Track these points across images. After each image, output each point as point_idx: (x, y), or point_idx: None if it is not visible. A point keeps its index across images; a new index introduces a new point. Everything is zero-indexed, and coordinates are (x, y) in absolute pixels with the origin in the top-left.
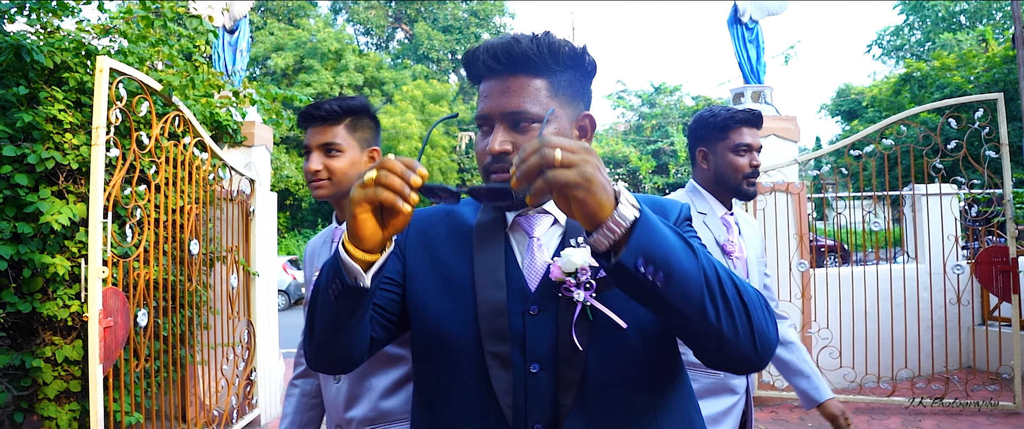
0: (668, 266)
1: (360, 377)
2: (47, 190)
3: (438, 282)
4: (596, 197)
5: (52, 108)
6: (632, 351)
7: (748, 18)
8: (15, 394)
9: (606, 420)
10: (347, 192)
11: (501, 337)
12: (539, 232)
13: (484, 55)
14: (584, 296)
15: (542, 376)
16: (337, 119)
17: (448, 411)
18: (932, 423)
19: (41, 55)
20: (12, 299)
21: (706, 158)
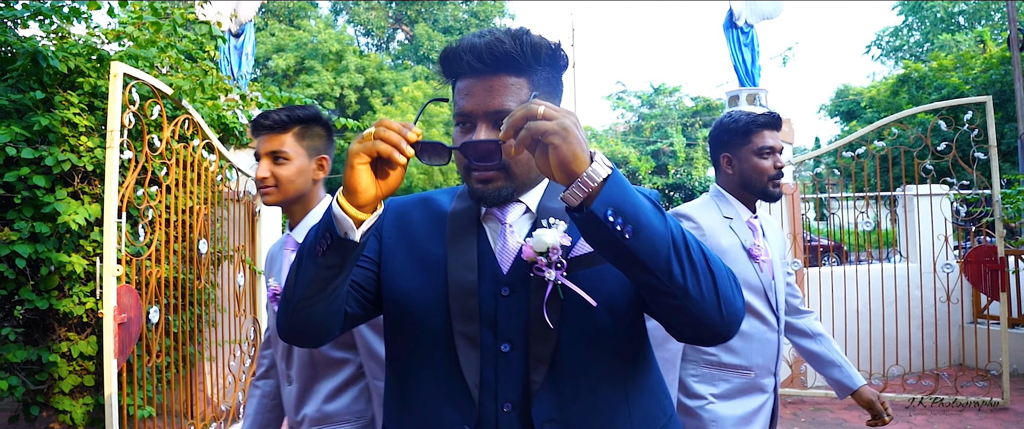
0: (636, 220)
1: (309, 380)
2: (63, 191)
3: (412, 264)
4: (572, 147)
5: (67, 112)
6: (602, 330)
7: (743, 22)
8: (31, 388)
9: (576, 398)
10: (295, 199)
11: (471, 317)
12: (511, 219)
13: (468, 55)
14: (555, 275)
15: (513, 356)
16: (284, 128)
17: (419, 390)
18: (923, 419)
19: (56, 61)
20: (30, 296)
21: (730, 163)
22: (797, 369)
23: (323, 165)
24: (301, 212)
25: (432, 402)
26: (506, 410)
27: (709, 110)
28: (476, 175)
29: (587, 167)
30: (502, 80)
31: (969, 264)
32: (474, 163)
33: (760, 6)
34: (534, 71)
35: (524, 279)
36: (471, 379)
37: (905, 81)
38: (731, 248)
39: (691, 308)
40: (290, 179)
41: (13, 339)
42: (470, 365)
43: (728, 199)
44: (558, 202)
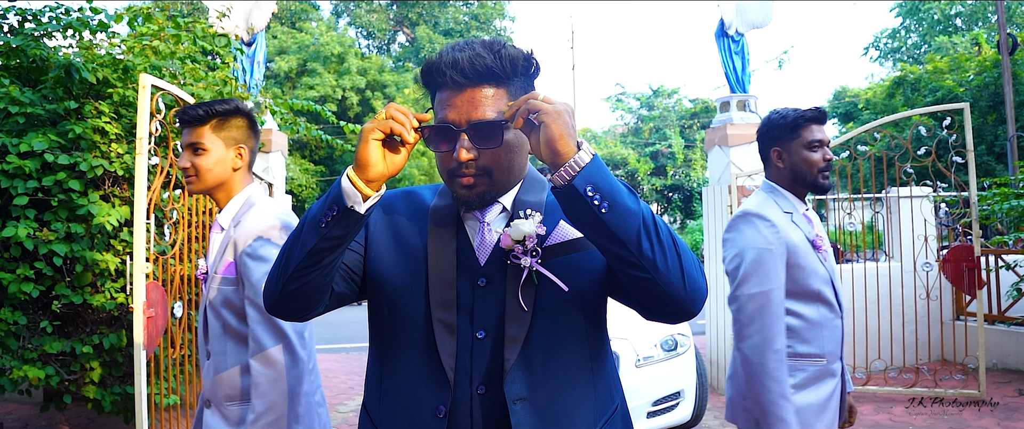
0: (611, 198)
1: (220, 357)
2: (95, 194)
3: (396, 252)
4: (561, 128)
5: (98, 120)
6: (571, 315)
7: (734, 31)
8: (65, 378)
9: (546, 377)
10: (217, 187)
11: (449, 306)
12: (489, 218)
13: (450, 70)
14: (530, 262)
15: (487, 342)
16: (202, 121)
17: (397, 370)
18: (902, 410)
19: (87, 72)
20: (66, 292)
21: (781, 157)
22: None
23: (241, 154)
24: (225, 198)
25: (410, 383)
26: (480, 391)
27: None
28: (460, 180)
29: (574, 153)
30: (482, 91)
31: (947, 263)
32: (477, 145)
33: (750, 16)
34: (512, 81)
35: (500, 271)
36: (447, 363)
37: (900, 83)
38: (801, 242)
39: (658, 280)
40: (208, 168)
41: (50, 332)
42: (446, 350)
43: (783, 193)
44: (532, 196)
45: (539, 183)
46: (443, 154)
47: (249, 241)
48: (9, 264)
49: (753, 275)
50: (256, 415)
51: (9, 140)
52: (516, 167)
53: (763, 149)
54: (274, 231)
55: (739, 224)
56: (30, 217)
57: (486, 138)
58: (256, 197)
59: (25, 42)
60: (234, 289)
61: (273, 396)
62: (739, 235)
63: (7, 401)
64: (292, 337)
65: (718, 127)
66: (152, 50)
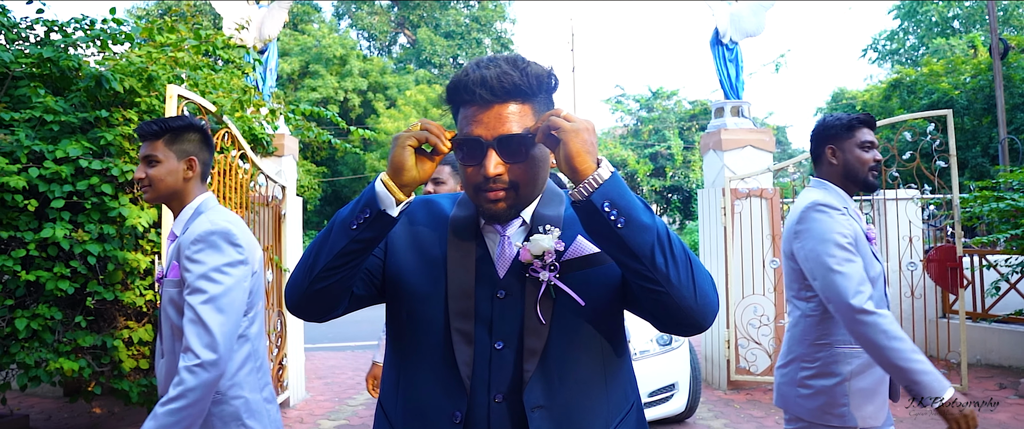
0: (628, 213)
1: (172, 355)
2: (125, 198)
3: (415, 259)
4: (580, 145)
5: (128, 128)
6: (587, 326)
7: (728, 40)
8: (96, 370)
9: (562, 386)
10: (170, 196)
11: (467, 316)
12: (510, 231)
13: (479, 88)
14: (548, 276)
15: (506, 353)
16: (157, 136)
17: (415, 376)
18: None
19: (115, 82)
20: (99, 289)
21: (835, 154)
22: (776, 359)
23: (193, 166)
24: (178, 207)
25: (427, 388)
26: (497, 400)
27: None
28: (487, 195)
29: (594, 170)
30: (509, 108)
31: (931, 263)
32: (505, 160)
33: (744, 25)
34: (536, 98)
35: (519, 284)
36: (464, 371)
37: (897, 86)
38: (858, 234)
39: (671, 293)
40: (160, 178)
41: (84, 326)
42: (464, 359)
43: (834, 189)
44: (551, 210)
45: (557, 196)
46: (470, 169)
47: (189, 245)
48: (46, 263)
49: (842, 254)
50: (167, 398)
51: (46, 147)
52: (540, 181)
53: (817, 148)
54: (214, 237)
55: (813, 214)
56: (65, 219)
57: (513, 153)
58: (207, 205)
59: (57, 54)
60: (178, 291)
61: (191, 385)
62: (816, 224)
63: (29, 396)
64: (218, 338)
65: (713, 132)
66: (173, 60)
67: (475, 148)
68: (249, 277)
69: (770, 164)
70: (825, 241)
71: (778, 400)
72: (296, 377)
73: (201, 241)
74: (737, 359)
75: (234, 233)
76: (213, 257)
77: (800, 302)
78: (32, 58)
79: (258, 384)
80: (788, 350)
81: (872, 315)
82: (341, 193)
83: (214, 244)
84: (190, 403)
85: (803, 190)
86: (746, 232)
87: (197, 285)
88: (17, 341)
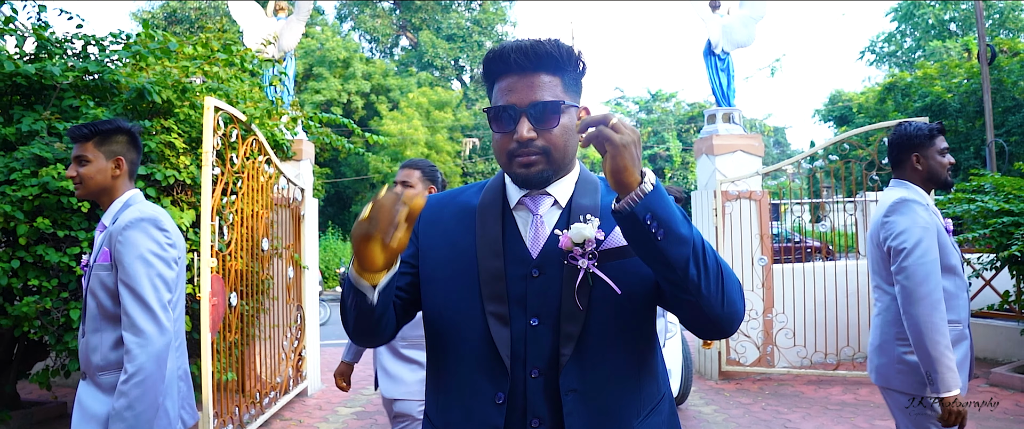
0: (668, 226)
1: (95, 334)
2: (167, 200)
3: (447, 255)
4: (626, 160)
5: (168, 136)
6: (622, 314)
7: (720, 50)
8: None
9: (596, 371)
10: (99, 193)
11: (500, 299)
12: (542, 210)
13: (514, 53)
14: (587, 264)
15: (541, 329)
16: (87, 138)
17: (455, 365)
18: (867, 391)
19: (155, 94)
20: None
21: (919, 161)
22: (764, 350)
23: (120, 165)
24: (108, 202)
25: (467, 376)
26: (533, 376)
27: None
28: (520, 160)
29: (638, 184)
30: (540, 77)
31: None
32: (536, 125)
33: (735, 36)
34: (566, 71)
35: (552, 263)
36: (504, 352)
37: (891, 89)
38: (939, 227)
39: (700, 303)
40: (90, 176)
41: None
42: (502, 340)
43: (916, 189)
44: (588, 199)
45: (591, 184)
46: (503, 136)
47: (121, 231)
48: None
49: (919, 248)
50: (127, 376)
51: None
52: (571, 149)
53: (901, 155)
54: (145, 223)
55: (901, 208)
56: None
57: (545, 119)
58: (134, 200)
59: (101, 68)
60: (108, 273)
61: (142, 360)
62: (903, 217)
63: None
64: (158, 312)
65: (705, 137)
66: (202, 72)
67: (509, 116)
68: (176, 261)
69: (759, 168)
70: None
71: (879, 379)
72: (313, 368)
73: (132, 227)
74: (728, 351)
75: (162, 220)
76: (145, 241)
77: (889, 287)
78: (78, 71)
79: (174, 362)
80: (881, 333)
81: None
82: (344, 194)
83: (145, 229)
84: (149, 373)
85: (886, 189)
86: (736, 232)
87: (133, 267)
88: (71, 330)
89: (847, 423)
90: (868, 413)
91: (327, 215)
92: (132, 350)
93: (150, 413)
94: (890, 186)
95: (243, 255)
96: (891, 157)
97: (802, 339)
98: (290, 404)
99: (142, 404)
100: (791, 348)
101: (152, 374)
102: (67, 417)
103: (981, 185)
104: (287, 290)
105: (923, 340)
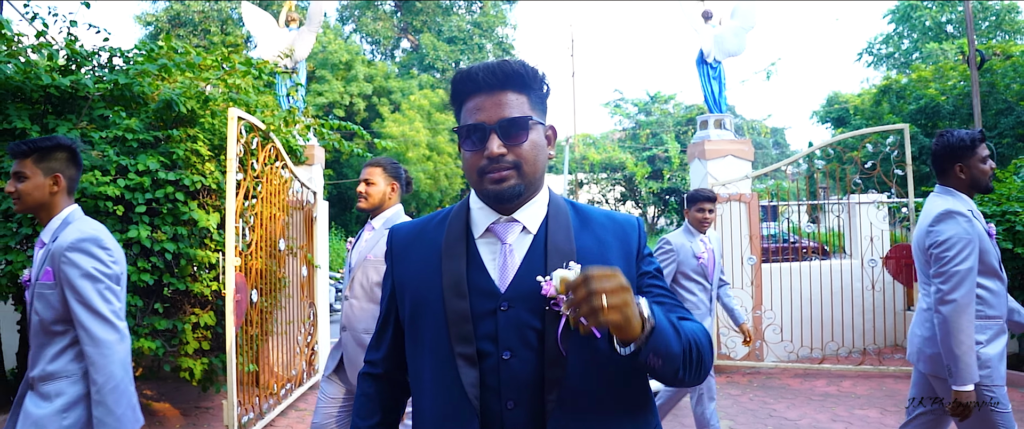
0: (667, 355)
1: (39, 347)
2: (193, 203)
3: (416, 297)
4: (632, 328)
5: (194, 144)
6: (602, 358)
7: (712, 59)
8: (167, 350)
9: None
10: (37, 208)
11: (467, 340)
12: (511, 239)
13: (482, 72)
14: (571, 311)
15: (513, 362)
16: (26, 155)
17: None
18: (850, 383)
19: (181, 105)
20: (172, 280)
21: (963, 170)
22: (753, 345)
23: (58, 181)
24: (46, 218)
25: (438, 411)
26: (510, 407)
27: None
28: (491, 176)
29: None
30: (508, 95)
31: (889, 259)
32: (505, 141)
33: (726, 46)
34: (532, 90)
35: (523, 297)
36: (471, 393)
37: (886, 91)
38: (982, 232)
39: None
40: (28, 192)
41: (160, 312)
42: (470, 381)
43: (961, 196)
44: (565, 238)
45: (564, 216)
46: (473, 154)
47: (63, 251)
48: (130, 259)
49: (960, 256)
50: (98, 387)
51: (128, 161)
52: (541, 164)
53: (945, 164)
54: (87, 243)
55: (946, 219)
56: (146, 222)
57: (514, 134)
58: (74, 217)
59: (130, 80)
60: (53, 292)
61: (110, 368)
62: (947, 227)
63: None
64: (114, 321)
65: (698, 142)
66: (223, 82)
67: (478, 133)
68: (120, 276)
69: (748, 171)
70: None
71: (930, 368)
72: (324, 362)
73: (75, 248)
74: (719, 346)
75: (103, 238)
76: (89, 260)
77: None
78: (107, 84)
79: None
80: (932, 326)
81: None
82: (346, 195)
83: (88, 250)
84: (119, 379)
85: (933, 195)
86: (727, 232)
87: (81, 285)
88: None
89: (828, 412)
90: (849, 404)
91: (330, 216)
92: (97, 361)
93: (129, 415)
94: (936, 193)
95: (262, 255)
96: (935, 166)
97: (789, 335)
98: (304, 396)
99: (121, 407)
100: (779, 343)
101: (121, 379)
102: None
103: None
104: (301, 288)
105: (949, 338)
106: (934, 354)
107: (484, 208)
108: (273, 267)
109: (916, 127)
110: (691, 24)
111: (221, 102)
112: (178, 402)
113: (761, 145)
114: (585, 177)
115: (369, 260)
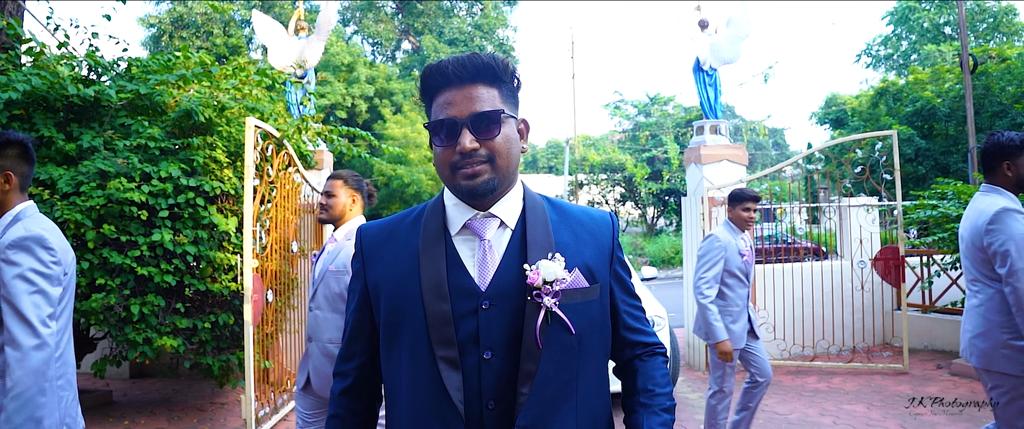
0: None
1: None
2: (213, 208)
3: (393, 299)
4: None
5: (213, 151)
6: (574, 351)
7: (708, 66)
8: (188, 347)
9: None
10: None
11: (448, 342)
12: (490, 235)
13: (452, 66)
14: (552, 302)
15: (494, 362)
16: None
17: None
18: (840, 380)
19: (199, 114)
20: (193, 281)
21: (1010, 168)
22: None
23: (9, 178)
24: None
25: (420, 417)
26: (490, 407)
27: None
28: (464, 172)
29: None
30: (478, 89)
31: (878, 261)
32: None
33: (722, 54)
34: (503, 83)
35: (505, 294)
36: (455, 396)
37: (883, 94)
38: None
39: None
40: None
41: (182, 312)
42: (454, 385)
43: (1009, 194)
44: (542, 233)
45: (540, 211)
46: (445, 149)
47: (4, 249)
48: (154, 261)
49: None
50: (8, 390)
51: (151, 168)
52: (514, 158)
53: (993, 162)
54: (29, 242)
55: (1003, 217)
56: (169, 226)
57: (486, 128)
58: (25, 214)
59: (150, 90)
60: None
61: (19, 374)
62: (1006, 226)
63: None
64: (36, 325)
65: (694, 147)
66: (239, 91)
67: (450, 128)
68: (62, 278)
69: (743, 175)
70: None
71: (982, 362)
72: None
73: (16, 245)
74: None
75: (47, 239)
76: (29, 260)
77: (991, 282)
78: (130, 94)
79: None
80: (984, 321)
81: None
82: None
83: (29, 249)
84: (25, 387)
85: (980, 193)
86: None
87: (13, 285)
88: (131, 323)
89: (818, 407)
90: (837, 399)
91: None
92: (11, 365)
93: (27, 426)
94: (983, 191)
95: (276, 256)
96: (983, 164)
97: (782, 333)
98: None
99: (20, 416)
100: (772, 341)
101: (28, 388)
102: (114, 404)
103: (944, 193)
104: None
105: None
106: (987, 348)
107: (459, 204)
108: (286, 268)
109: (912, 129)
110: (688, 32)
111: (236, 110)
112: (194, 398)
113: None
114: (585, 178)
115: (331, 272)
